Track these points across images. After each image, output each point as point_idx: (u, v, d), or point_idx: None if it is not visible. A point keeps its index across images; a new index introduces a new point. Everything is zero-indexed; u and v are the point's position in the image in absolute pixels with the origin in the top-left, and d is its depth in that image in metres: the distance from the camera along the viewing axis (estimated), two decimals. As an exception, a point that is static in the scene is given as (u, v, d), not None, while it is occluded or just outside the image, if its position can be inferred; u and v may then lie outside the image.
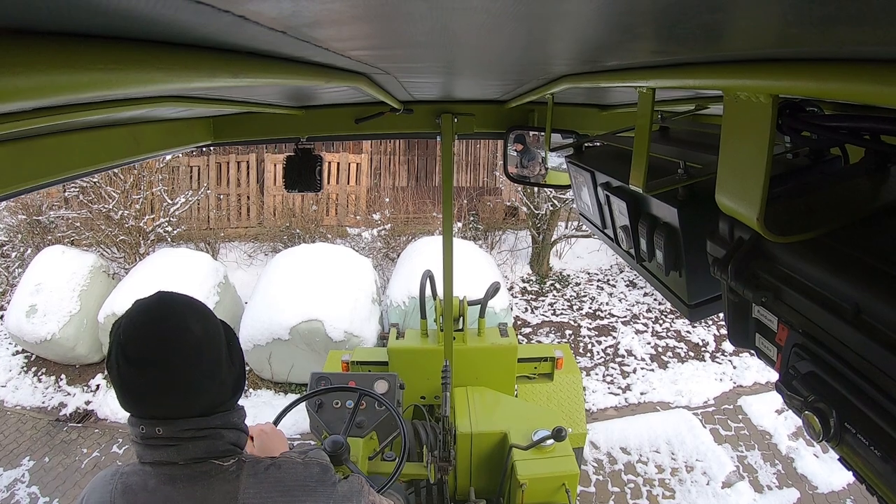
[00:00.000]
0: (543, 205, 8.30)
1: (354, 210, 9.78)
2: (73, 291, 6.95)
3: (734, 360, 6.79)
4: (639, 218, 1.20)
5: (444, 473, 2.84)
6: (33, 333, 6.70)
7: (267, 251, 8.98)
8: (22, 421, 6.48)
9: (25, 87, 0.37)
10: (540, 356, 4.19)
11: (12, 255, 8.64)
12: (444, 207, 2.87)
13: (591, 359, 7.04)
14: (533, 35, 0.68)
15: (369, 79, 1.32)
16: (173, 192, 8.78)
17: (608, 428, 5.81)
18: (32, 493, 5.35)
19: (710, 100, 1.40)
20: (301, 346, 6.14)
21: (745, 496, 4.94)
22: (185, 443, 1.12)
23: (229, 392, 1.19)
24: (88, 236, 8.22)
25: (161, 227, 8.42)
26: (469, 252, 7.16)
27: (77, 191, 8.26)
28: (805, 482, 5.13)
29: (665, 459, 5.41)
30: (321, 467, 1.25)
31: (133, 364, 1.06)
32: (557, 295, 8.25)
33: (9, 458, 5.84)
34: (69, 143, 1.36)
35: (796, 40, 0.50)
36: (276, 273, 6.68)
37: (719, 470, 5.22)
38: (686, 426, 5.77)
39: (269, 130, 2.50)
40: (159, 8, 0.40)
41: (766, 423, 5.81)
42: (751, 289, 0.76)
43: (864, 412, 0.58)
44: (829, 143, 0.84)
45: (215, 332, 1.17)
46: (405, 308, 6.32)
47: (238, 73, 0.67)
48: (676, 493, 5.02)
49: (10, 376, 7.10)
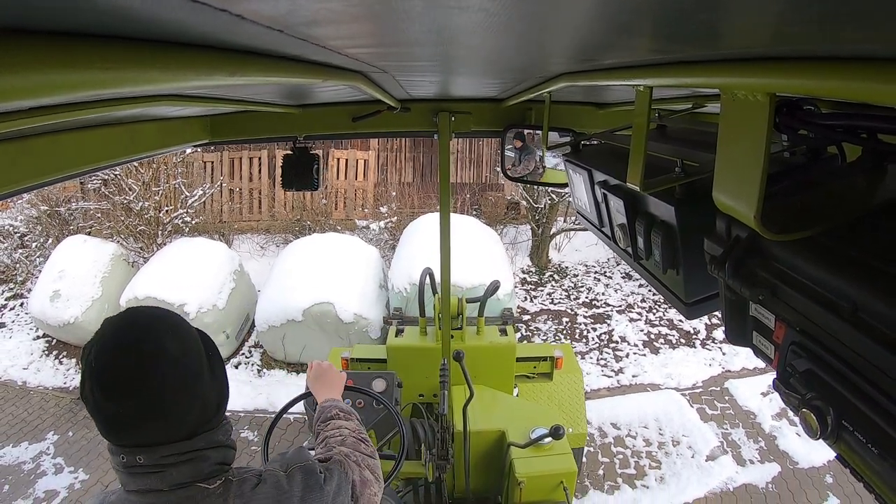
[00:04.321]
0: (542, 199, 8.53)
1: (362, 204, 10.17)
2: (95, 278, 7.19)
3: (724, 347, 7.02)
4: (636, 216, 1.20)
5: (443, 472, 2.84)
6: (57, 317, 6.91)
7: (278, 243, 9.26)
8: (45, 399, 6.67)
9: (22, 87, 0.37)
10: (539, 356, 4.20)
11: (32, 245, 8.90)
12: (442, 206, 2.87)
13: (587, 344, 7.33)
14: (530, 33, 0.68)
15: (366, 77, 1.32)
16: (190, 185, 9.08)
17: (600, 406, 5.99)
18: (58, 464, 5.58)
19: (708, 98, 1.40)
20: (313, 327, 6.43)
21: (727, 468, 5.19)
22: (168, 469, 1.07)
23: (213, 408, 1.14)
24: (109, 227, 8.52)
25: (179, 217, 8.71)
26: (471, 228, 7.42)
27: (99, 183, 8.60)
28: (786, 458, 5.35)
29: (653, 434, 5.67)
30: (304, 472, 1.23)
31: (109, 395, 1.01)
32: (556, 285, 8.53)
33: (34, 432, 6.07)
34: (66, 143, 1.36)
35: (793, 39, 0.50)
36: (290, 259, 7.04)
37: (704, 445, 5.45)
38: (674, 405, 6.03)
39: (266, 129, 2.49)
40: (156, 7, 0.40)
41: (752, 405, 6.04)
42: (748, 286, 0.76)
43: (861, 410, 0.58)
44: (826, 141, 0.84)
45: (193, 345, 1.11)
46: (406, 295, 6.47)
47: (235, 71, 0.67)
48: (662, 465, 5.28)
49: (31, 359, 7.33)
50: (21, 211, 8.99)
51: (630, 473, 5.21)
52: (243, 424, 6.00)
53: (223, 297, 6.86)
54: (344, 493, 1.29)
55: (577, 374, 4.31)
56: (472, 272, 6.29)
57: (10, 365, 7.21)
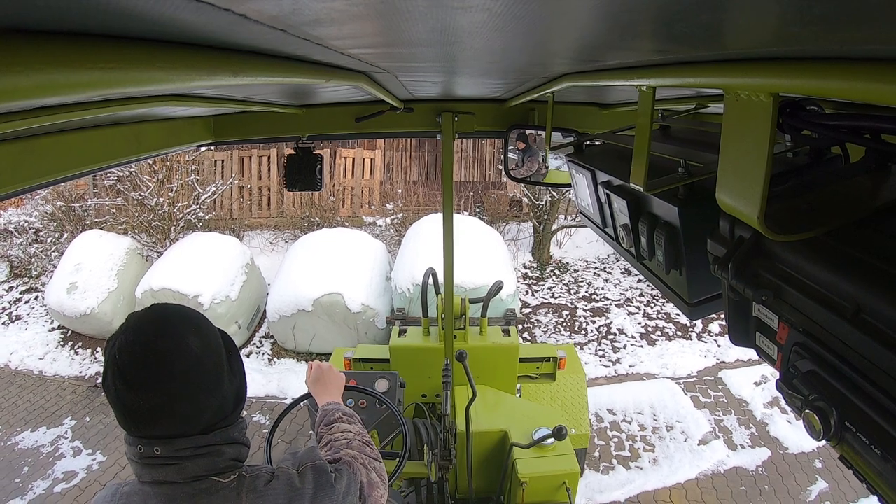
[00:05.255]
0: (544, 196, 8.74)
1: (369, 201, 10.49)
2: (111, 271, 7.39)
3: (719, 340, 7.19)
4: (639, 216, 1.20)
5: (445, 472, 2.84)
6: (73, 308, 7.11)
7: (287, 239, 9.56)
8: (62, 387, 6.85)
9: (25, 87, 0.37)
10: (542, 356, 4.19)
11: (47, 240, 9.12)
12: (445, 207, 2.87)
13: (586, 336, 7.55)
14: (534, 34, 0.68)
15: (370, 77, 1.32)
16: (203, 182, 9.41)
17: (597, 393, 6.13)
18: (76, 447, 5.76)
19: (711, 98, 1.40)
20: (323, 317, 6.67)
21: (718, 452, 5.37)
22: (184, 461, 1.09)
23: (230, 406, 1.16)
24: (124, 222, 8.82)
25: (193, 213, 9.01)
26: (473, 228, 7.57)
27: (114, 179, 8.87)
28: (777, 444, 5.50)
29: (647, 420, 5.88)
30: (315, 471, 1.24)
31: (130, 387, 1.03)
32: (556, 280, 8.77)
33: (51, 418, 6.25)
34: (70, 142, 1.36)
35: (797, 39, 0.49)
36: (301, 253, 7.32)
37: (697, 430, 5.66)
38: (668, 393, 6.26)
39: (269, 129, 2.49)
40: (160, 7, 0.40)
41: (745, 393, 6.22)
42: (751, 287, 0.76)
43: (864, 411, 0.58)
44: (830, 141, 0.84)
45: (214, 343, 1.14)
46: (409, 295, 6.57)
47: (239, 71, 0.67)
48: (656, 448, 5.48)
49: (46, 350, 7.50)
50: (35, 207, 9.23)
51: (625, 455, 5.40)
52: (255, 410, 6.13)
53: (235, 289, 7.07)
54: (353, 494, 1.30)
55: (580, 375, 4.31)
56: (475, 273, 6.38)
57: (27, 355, 7.41)
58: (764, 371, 6.38)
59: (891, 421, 0.55)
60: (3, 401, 6.56)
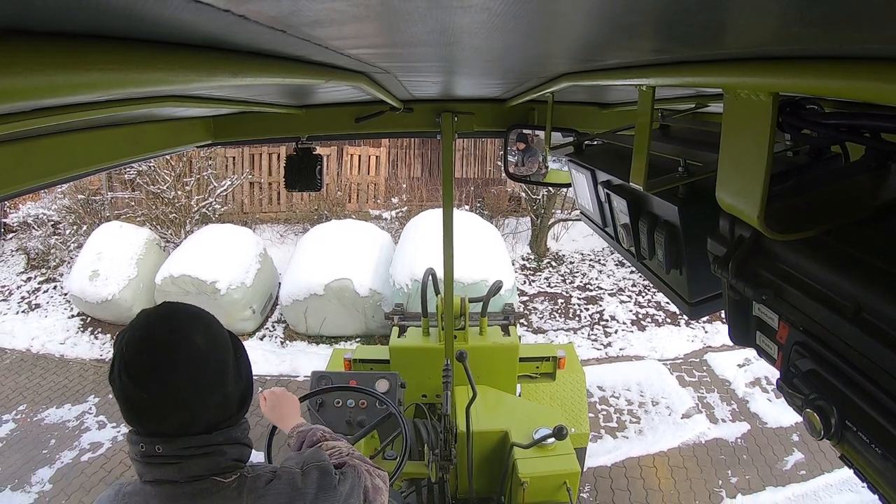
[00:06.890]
0: (541, 191, 9.02)
1: (374, 196, 10.95)
2: (131, 259, 7.79)
3: (706, 326, 7.56)
4: (639, 216, 1.20)
5: (445, 472, 2.84)
6: (95, 294, 7.48)
7: (297, 231, 10.01)
8: (84, 369, 7.17)
9: (25, 87, 0.37)
10: (542, 356, 4.18)
11: (66, 232, 9.50)
12: (445, 206, 2.87)
13: (579, 322, 8.02)
14: (533, 33, 0.68)
15: (369, 77, 1.32)
16: (217, 177, 9.93)
17: (588, 372, 6.65)
18: (100, 421, 6.12)
19: (711, 98, 1.40)
20: (333, 301, 7.15)
21: (700, 425, 5.76)
22: (186, 461, 1.09)
23: (234, 406, 1.16)
24: (142, 214, 9.36)
25: (209, 206, 9.57)
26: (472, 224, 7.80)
27: (134, 174, 9.33)
28: (756, 419, 5.85)
29: (634, 396, 6.29)
30: (320, 471, 1.24)
31: (136, 381, 1.04)
32: (553, 271, 9.24)
33: (75, 396, 6.60)
34: (69, 144, 1.36)
35: (796, 38, 0.49)
36: (312, 242, 7.84)
37: (680, 405, 6.04)
38: (655, 373, 6.66)
39: (269, 130, 2.49)
40: (159, 8, 0.40)
41: (728, 374, 6.59)
42: (751, 286, 0.76)
43: (865, 410, 0.58)
44: (830, 140, 0.84)
45: (222, 343, 1.14)
46: (408, 291, 6.71)
47: (238, 72, 0.67)
48: (641, 420, 5.88)
49: (67, 335, 7.86)
50: (53, 201, 9.54)
51: (612, 426, 5.79)
52: (270, 386, 6.27)
53: (250, 276, 7.49)
54: (356, 497, 1.29)
55: (580, 375, 4.30)
56: (473, 268, 6.54)
57: (48, 340, 7.74)
58: (748, 354, 6.58)
59: (891, 420, 0.55)
60: (27, 381, 6.88)
